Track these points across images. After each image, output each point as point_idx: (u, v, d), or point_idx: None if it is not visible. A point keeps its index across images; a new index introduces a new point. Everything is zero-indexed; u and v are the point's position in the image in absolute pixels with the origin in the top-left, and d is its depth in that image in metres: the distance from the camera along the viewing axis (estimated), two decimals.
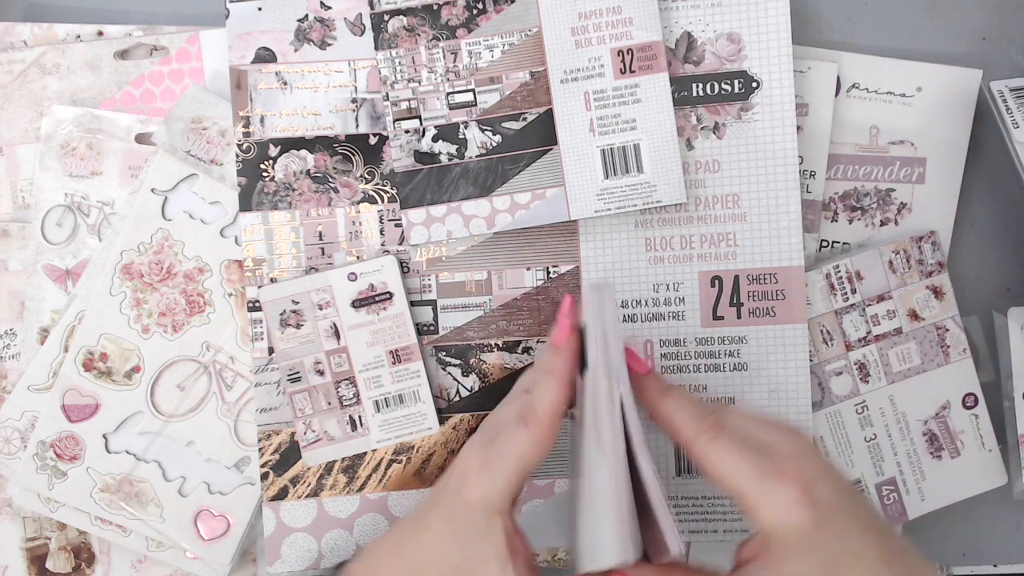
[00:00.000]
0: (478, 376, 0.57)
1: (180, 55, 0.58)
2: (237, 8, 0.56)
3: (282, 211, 0.56)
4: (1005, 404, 0.59)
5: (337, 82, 0.56)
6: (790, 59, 0.55)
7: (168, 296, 0.57)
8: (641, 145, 0.55)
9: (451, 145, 0.56)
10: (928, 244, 0.58)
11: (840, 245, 0.59)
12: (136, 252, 0.56)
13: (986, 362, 0.60)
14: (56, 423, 0.56)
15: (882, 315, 0.57)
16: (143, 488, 0.56)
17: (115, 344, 0.56)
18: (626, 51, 0.55)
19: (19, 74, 0.58)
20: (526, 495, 0.56)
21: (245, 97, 0.56)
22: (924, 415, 0.58)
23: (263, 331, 0.56)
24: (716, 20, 0.55)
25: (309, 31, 0.56)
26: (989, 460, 0.58)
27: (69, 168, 0.57)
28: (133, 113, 0.58)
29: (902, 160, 0.59)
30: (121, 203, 0.57)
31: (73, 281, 0.57)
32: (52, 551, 0.58)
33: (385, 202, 0.56)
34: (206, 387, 0.57)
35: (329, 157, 0.56)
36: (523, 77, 0.56)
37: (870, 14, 0.60)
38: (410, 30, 0.56)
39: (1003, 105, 0.54)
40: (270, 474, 0.56)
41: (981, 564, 0.61)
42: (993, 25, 0.60)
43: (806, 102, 0.57)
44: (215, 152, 0.57)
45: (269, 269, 0.56)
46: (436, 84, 0.56)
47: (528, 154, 0.56)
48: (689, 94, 0.56)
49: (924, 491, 0.58)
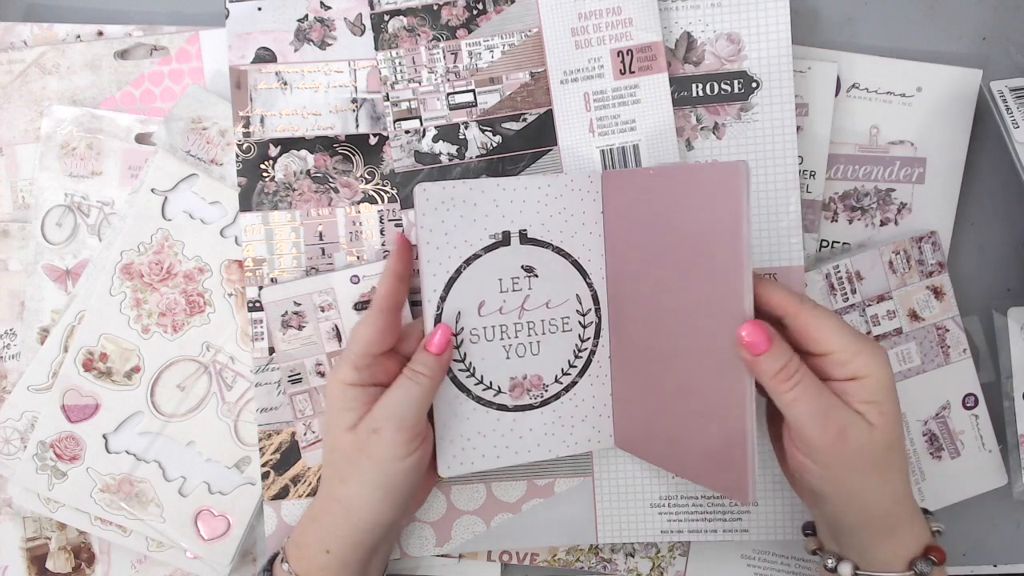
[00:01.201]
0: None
1: (180, 55, 0.58)
2: (237, 8, 0.55)
3: (282, 211, 0.56)
4: (1005, 404, 0.59)
5: (337, 82, 0.56)
6: (790, 59, 0.55)
7: (168, 296, 0.57)
8: (640, 146, 0.55)
9: (451, 145, 0.56)
10: (928, 244, 0.58)
11: (840, 245, 0.59)
12: (136, 252, 0.56)
13: (986, 362, 0.60)
14: (56, 423, 0.56)
15: (882, 315, 0.57)
16: (143, 488, 0.56)
17: (115, 344, 0.56)
18: (626, 52, 0.55)
19: (19, 74, 0.58)
20: (526, 495, 0.56)
21: (245, 97, 0.56)
22: (924, 415, 0.58)
23: (263, 331, 0.56)
24: (716, 20, 0.55)
25: (309, 31, 0.56)
26: (989, 461, 0.58)
27: (69, 168, 0.57)
28: (133, 113, 0.58)
29: (902, 160, 0.59)
30: (121, 203, 0.57)
31: (73, 281, 0.57)
32: (52, 551, 0.58)
33: (385, 202, 0.56)
34: (206, 387, 0.57)
35: (329, 157, 0.56)
36: (523, 78, 0.56)
37: (870, 14, 0.60)
38: (410, 30, 0.56)
39: (1003, 105, 0.54)
40: (271, 473, 0.56)
41: (981, 564, 0.61)
42: (993, 25, 0.60)
43: (806, 102, 0.57)
44: (215, 152, 0.57)
45: (269, 269, 0.56)
46: (436, 84, 0.56)
47: (528, 155, 0.56)
48: (689, 94, 0.56)
49: (924, 491, 0.58)
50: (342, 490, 0.48)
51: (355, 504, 0.48)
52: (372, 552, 0.50)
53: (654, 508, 0.57)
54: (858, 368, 0.44)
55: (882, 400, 0.44)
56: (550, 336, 0.52)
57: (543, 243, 0.52)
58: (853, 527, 0.47)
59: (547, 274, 0.52)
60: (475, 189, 0.50)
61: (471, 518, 0.57)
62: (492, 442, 0.51)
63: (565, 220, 0.52)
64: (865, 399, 0.44)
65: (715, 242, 0.44)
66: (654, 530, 0.57)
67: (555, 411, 0.52)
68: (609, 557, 0.59)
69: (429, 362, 0.48)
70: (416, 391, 0.47)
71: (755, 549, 0.59)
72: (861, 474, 0.44)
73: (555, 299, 0.52)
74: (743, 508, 0.56)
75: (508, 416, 0.52)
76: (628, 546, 0.59)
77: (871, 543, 0.46)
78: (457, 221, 0.50)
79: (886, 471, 0.45)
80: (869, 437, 0.44)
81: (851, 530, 0.47)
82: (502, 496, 0.57)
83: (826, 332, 0.45)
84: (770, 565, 0.59)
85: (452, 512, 0.57)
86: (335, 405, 0.49)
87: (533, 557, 0.59)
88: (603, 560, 0.59)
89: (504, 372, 0.51)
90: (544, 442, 0.52)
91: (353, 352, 0.49)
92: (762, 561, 0.59)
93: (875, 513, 0.45)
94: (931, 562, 0.45)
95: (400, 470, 0.47)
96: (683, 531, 0.57)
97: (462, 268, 0.50)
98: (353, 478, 0.48)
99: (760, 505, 0.56)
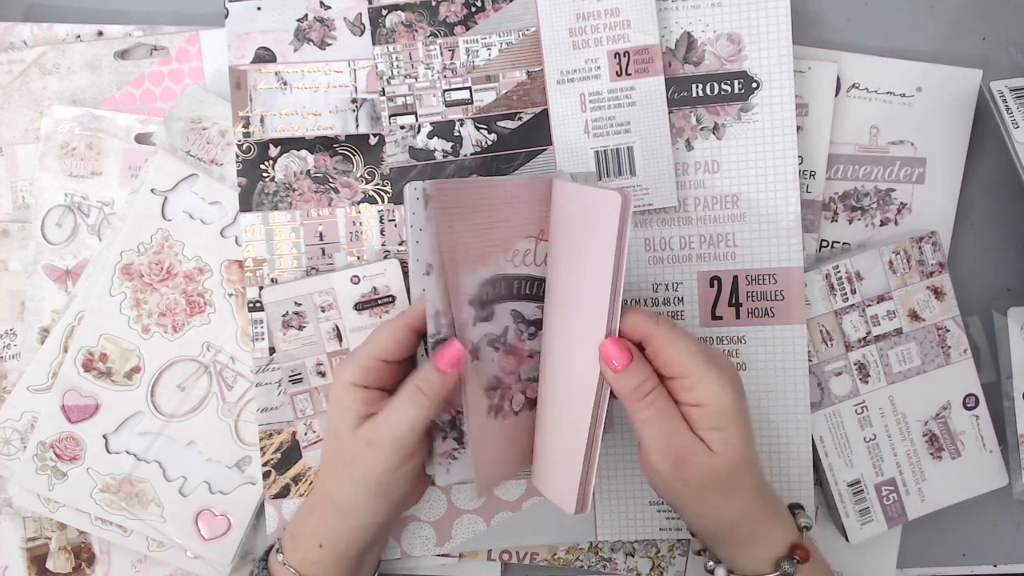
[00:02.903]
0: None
1: (180, 55, 0.58)
2: (237, 8, 0.55)
3: (282, 211, 0.56)
4: (1005, 404, 0.59)
5: (337, 82, 0.56)
6: (790, 59, 0.55)
7: (168, 296, 0.57)
8: (635, 148, 0.55)
9: (446, 142, 0.56)
10: (929, 244, 0.58)
11: (840, 245, 0.59)
12: (136, 252, 0.56)
13: (987, 362, 0.60)
14: (56, 423, 0.56)
15: (882, 315, 0.57)
16: (144, 488, 0.56)
17: (115, 344, 0.56)
18: (623, 53, 0.55)
19: (19, 74, 0.58)
20: (526, 494, 0.56)
21: (245, 97, 0.56)
22: (924, 415, 0.58)
23: (264, 331, 0.56)
24: (716, 20, 0.55)
25: (309, 31, 0.56)
26: (990, 461, 0.58)
27: (69, 168, 0.57)
28: (133, 113, 0.58)
29: (902, 160, 0.58)
30: (121, 203, 0.57)
31: (73, 281, 0.58)
32: (52, 551, 0.58)
33: (385, 202, 0.56)
34: (206, 387, 0.57)
35: (329, 157, 0.56)
36: (520, 76, 0.56)
37: (870, 14, 0.59)
38: (408, 26, 0.56)
39: (1003, 105, 0.54)
40: (272, 472, 0.56)
41: (981, 564, 0.61)
42: (993, 25, 0.59)
43: (806, 102, 0.57)
44: (215, 152, 0.57)
45: (269, 269, 0.56)
46: (433, 81, 0.56)
47: (522, 153, 0.56)
48: (689, 94, 0.56)
49: (924, 492, 0.58)
50: (336, 490, 0.49)
51: (347, 505, 0.48)
52: (365, 549, 0.50)
53: (653, 506, 0.57)
54: (701, 395, 0.45)
55: (725, 427, 0.45)
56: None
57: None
58: (709, 538, 0.49)
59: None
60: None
61: (471, 517, 0.57)
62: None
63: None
64: (708, 426, 0.45)
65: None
66: (653, 528, 0.57)
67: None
68: (609, 556, 0.59)
69: (434, 381, 0.47)
70: (416, 414, 0.47)
71: None
72: (701, 496, 0.46)
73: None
74: None
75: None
76: (628, 545, 0.59)
77: (731, 552, 0.49)
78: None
79: (728, 492, 0.46)
80: (709, 463, 0.45)
81: (709, 540, 0.49)
82: (502, 495, 0.57)
83: (676, 355, 0.45)
84: None
85: (452, 511, 0.57)
86: (337, 403, 0.49)
87: (533, 556, 0.59)
88: (603, 559, 0.59)
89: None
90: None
91: (365, 353, 0.49)
92: None
93: (724, 527, 0.47)
94: (795, 560, 0.47)
95: (393, 479, 0.48)
96: (682, 529, 0.57)
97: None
98: (346, 481, 0.48)
99: None
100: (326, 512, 0.49)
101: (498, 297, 0.50)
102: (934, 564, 0.61)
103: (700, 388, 0.45)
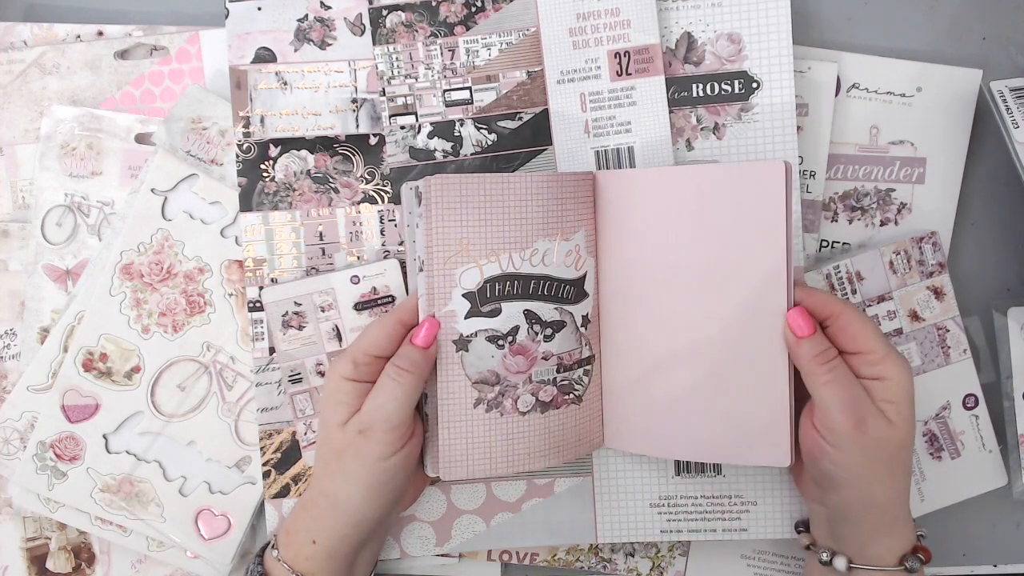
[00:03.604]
0: None
1: (180, 55, 0.58)
2: (237, 8, 0.55)
3: (282, 211, 0.56)
4: (1005, 404, 0.59)
5: (337, 82, 0.56)
6: (790, 59, 0.55)
7: (168, 296, 0.57)
8: (635, 148, 0.55)
9: (446, 142, 0.56)
10: (929, 244, 0.58)
11: (840, 245, 0.59)
12: (136, 252, 0.56)
13: (986, 362, 0.60)
14: (56, 423, 0.56)
15: (882, 316, 0.57)
16: (144, 488, 0.56)
17: (115, 344, 0.56)
18: (623, 53, 0.55)
19: (19, 74, 0.58)
20: (526, 494, 0.56)
21: (245, 97, 0.56)
22: (924, 415, 0.58)
23: (264, 331, 0.56)
24: (716, 20, 0.55)
25: (309, 31, 0.56)
26: (989, 461, 0.58)
27: (69, 168, 0.57)
28: (133, 113, 0.58)
29: (902, 160, 0.59)
30: (121, 203, 0.57)
31: (73, 281, 0.58)
32: (52, 551, 0.58)
33: (385, 202, 0.56)
34: (207, 387, 0.57)
35: (329, 157, 0.56)
36: (520, 76, 0.56)
37: (870, 14, 0.59)
38: (408, 26, 0.56)
39: (1003, 105, 0.54)
40: (272, 472, 0.56)
41: (981, 564, 0.61)
42: (993, 25, 0.59)
43: (806, 102, 0.57)
44: (215, 152, 0.57)
45: (270, 269, 0.56)
46: (433, 81, 0.56)
47: (523, 153, 0.56)
48: (689, 94, 0.56)
49: (924, 492, 0.58)
50: (329, 485, 0.49)
51: (341, 500, 0.49)
52: (359, 546, 0.50)
53: (653, 508, 0.57)
54: (885, 369, 0.47)
55: (902, 402, 0.47)
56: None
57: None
58: (855, 518, 0.49)
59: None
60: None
61: (471, 517, 0.57)
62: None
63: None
64: (887, 398, 0.47)
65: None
66: (653, 530, 0.57)
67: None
68: (609, 557, 0.59)
69: (414, 357, 0.49)
70: (400, 392, 0.48)
71: (754, 549, 0.59)
72: (873, 463, 0.47)
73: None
74: (742, 508, 0.56)
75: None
76: (628, 546, 0.59)
77: (868, 536, 0.49)
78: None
79: (895, 467, 0.48)
80: (887, 432, 0.47)
81: (852, 521, 0.49)
82: (502, 495, 0.57)
83: (863, 333, 0.48)
84: (769, 565, 0.59)
85: (452, 511, 0.57)
86: (330, 398, 0.50)
87: (533, 557, 0.59)
88: (603, 560, 0.59)
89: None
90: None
91: (357, 348, 0.50)
92: (761, 561, 0.59)
93: (878, 504, 0.48)
94: (919, 560, 0.48)
95: (386, 468, 0.48)
96: (682, 531, 0.57)
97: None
98: (340, 475, 0.49)
99: (759, 504, 0.56)
100: (320, 508, 0.50)
101: (509, 295, 0.50)
102: (934, 564, 0.61)
103: (885, 364, 0.47)
